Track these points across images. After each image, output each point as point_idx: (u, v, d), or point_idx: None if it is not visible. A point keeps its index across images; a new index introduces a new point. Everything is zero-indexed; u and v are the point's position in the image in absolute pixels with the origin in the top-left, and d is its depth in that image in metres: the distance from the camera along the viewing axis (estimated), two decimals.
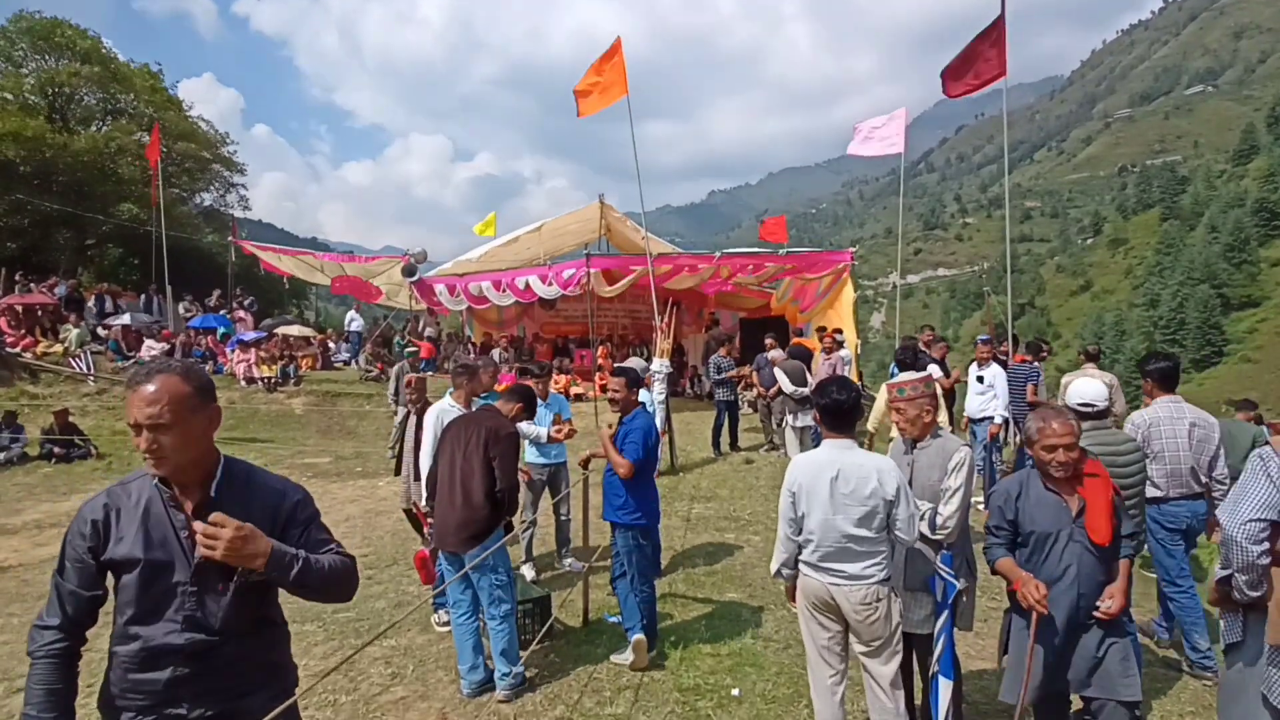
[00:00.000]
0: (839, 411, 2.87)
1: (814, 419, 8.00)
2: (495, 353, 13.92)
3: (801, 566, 2.91)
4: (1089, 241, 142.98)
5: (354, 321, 18.05)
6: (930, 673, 2.91)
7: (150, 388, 1.61)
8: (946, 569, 2.89)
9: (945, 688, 2.83)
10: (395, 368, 10.19)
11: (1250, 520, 2.20)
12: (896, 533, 2.75)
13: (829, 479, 2.76)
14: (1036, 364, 8.22)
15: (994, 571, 2.80)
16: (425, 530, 4.29)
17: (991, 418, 7.30)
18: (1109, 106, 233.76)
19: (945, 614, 2.85)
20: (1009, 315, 9.41)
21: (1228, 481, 4.04)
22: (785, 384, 8.33)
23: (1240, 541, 2.21)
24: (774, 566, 2.98)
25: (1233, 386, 71.33)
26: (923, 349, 8.78)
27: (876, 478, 2.72)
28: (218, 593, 1.67)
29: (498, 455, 3.57)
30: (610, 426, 4.17)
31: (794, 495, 2.85)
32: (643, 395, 4.62)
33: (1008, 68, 9.06)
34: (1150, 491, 4.10)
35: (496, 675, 3.60)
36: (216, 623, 1.66)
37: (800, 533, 2.86)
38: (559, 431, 5.25)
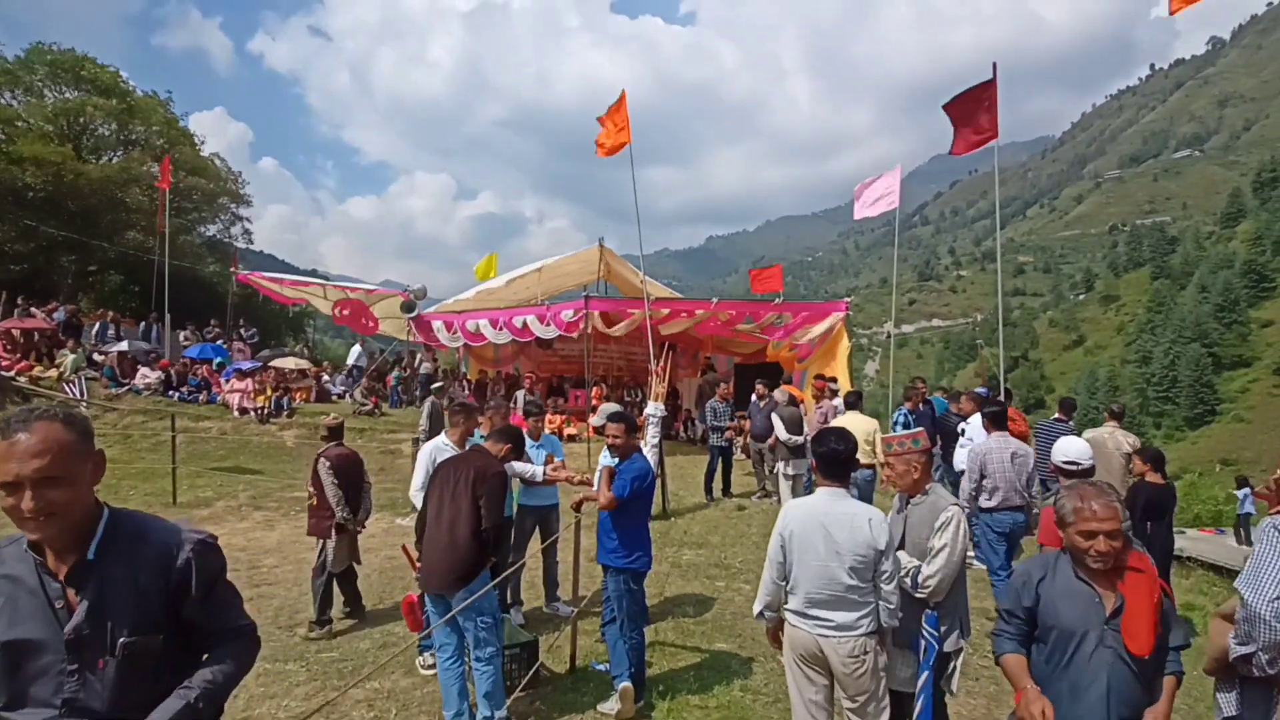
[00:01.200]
0: (836, 460, 2.91)
1: (810, 467, 7.98)
2: (520, 394, 13.83)
3: (788, 616, 2.90)
4: (1081, 297, 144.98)
5: (361, 358, 18.05)
6: None
7: (30, 437, 1.39)
8: (930, 628, 2.89)
9: None
10: (426, 404, 9.99)
11: (1278, 598, 2.13)
12: (880, 583, 2.76)
13: (822, 525, 2.78)
14: (1070, 423, 7.70)
15: (998, 664, 2.44)
16: (415, 574, 4.24)
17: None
18: (1099, 167, 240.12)
19: (926, 673, 2.84)
20: (1002, 368, 9.48)
21: (1039, 498, 5.40)
22: (780, 431, 8.35)
23: (1269, 620, 2.13)
24: (757, 608, 2.96)
25: (1226, 446, 71.35)
26: (922, 403, 8.81)
27: (869, 527, 2.76)
28: (99, 670, 1.44)
29: (484, 495, 3.58)
30: (606, 470, 4.17)
31: (784, 540, 2.85)
32: None
33: (999, 128, 9.40)
34: (983, 502, 5.35)
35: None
36: (103, 704, 1.43)
37: (786, 579, 2.86)
38: (555, 469, 5.21)
